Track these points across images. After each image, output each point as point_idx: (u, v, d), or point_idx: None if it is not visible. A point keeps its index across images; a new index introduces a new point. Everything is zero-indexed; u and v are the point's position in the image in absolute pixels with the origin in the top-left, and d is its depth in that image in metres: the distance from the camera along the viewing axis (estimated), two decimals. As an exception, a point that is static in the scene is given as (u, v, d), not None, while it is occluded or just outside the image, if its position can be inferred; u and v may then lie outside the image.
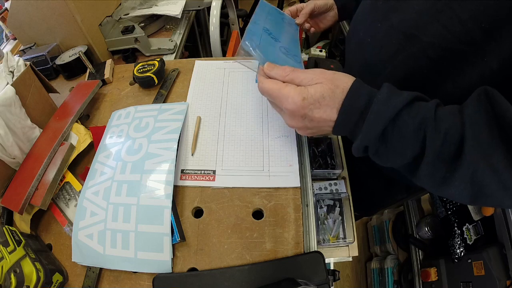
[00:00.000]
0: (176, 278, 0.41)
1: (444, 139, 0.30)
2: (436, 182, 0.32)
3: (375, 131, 0.33)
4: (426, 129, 0.31)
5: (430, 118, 0.31)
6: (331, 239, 0.57)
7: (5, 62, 0.57)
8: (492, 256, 0.74)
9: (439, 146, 0.30)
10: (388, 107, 0.32)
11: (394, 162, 0.35)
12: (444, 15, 0.35)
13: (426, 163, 0.31)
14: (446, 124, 0.30)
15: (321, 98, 0.35)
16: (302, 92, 0.35)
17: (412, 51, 0.40)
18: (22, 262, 0.40)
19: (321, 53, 1.75)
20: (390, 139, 0.33)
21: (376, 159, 0.36)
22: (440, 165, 0.31)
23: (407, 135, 0.32)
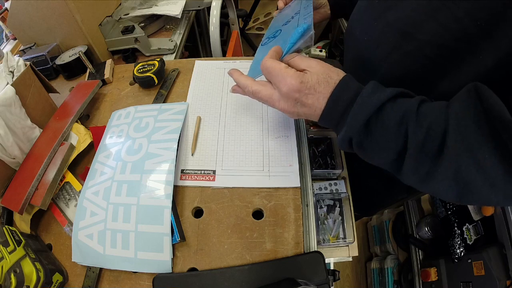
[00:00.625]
0: (176, 278, 0.41)
1: (427, 134, 0.30)
2: (420, 177, 0.32)
3: (359, 122, 0.34)
4: (408, 123, 0.32)
5: (412, 112, 0.32)
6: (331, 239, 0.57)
7: (5, 62, 0.57)
8: (492, 256, 0.74)
9: (421, 140, 0.31)
10: (372, 100, 0.33)
11: (379, 157, 0.35)
12: (440, 13, 0.35)
13: (409, 157, 0.32)
14: (429, 119, 0.31)
15: (316, 84, 0.36)
16: (301, 76, 0.37)
17: (408, 49, 0.40)
18: (22, 262, 0.40)
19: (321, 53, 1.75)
20: (374, 132, 0.33)
21: (361, 154, 0.37)
22: (424, 160, 0.31)
23: (390, 128, 0.32)
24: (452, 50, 0.35)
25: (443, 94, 0.38)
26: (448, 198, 0.32)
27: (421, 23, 0.38)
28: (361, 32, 0.50)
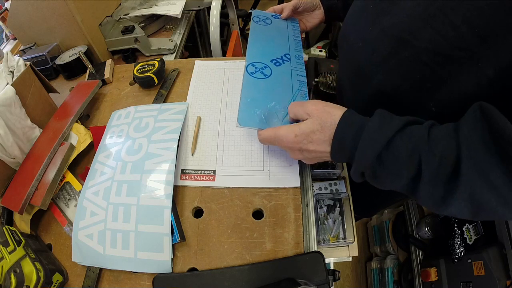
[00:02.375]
0: (176, 278, 0.41)
1: (440, 162, 0.30)
2: (436, 202, 0.32)
3: (369, 158, 0.34)
4: (421, 152, 0.31)
5: (424, 141, 0.32)
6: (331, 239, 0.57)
7: (5, 62, 0.57)
8: (492, 256, 0.74)
9: (435, 169, 0.31)
10: (380, 135, 0.33)
11: (392, 184, 0.35)
12: (436, 20, 0.35)
13: (423, 184, 0.32)
14: (440, 146, 0.31)
15: (311, 133, 0.38)
16: (294, 129, 0.39)
17: (404, 56, 0.39)
18: (22, 262, 0.41)
19: (321, 53, 1.75)
20: (386, 163, 0.33)
21: (374, 183, 0.37)
22: (438, 186, 0.31)
23: (401, 159, 0.32)
24: (450, 58, 0.35)
25: (442, 104, 0.38)
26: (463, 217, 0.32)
27: (417, 29, 0.37)
28: (355, 37, 0.49)
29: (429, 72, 0.37)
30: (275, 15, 0.68)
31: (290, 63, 0.56)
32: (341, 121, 0.36)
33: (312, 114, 0.39)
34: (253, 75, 0.52)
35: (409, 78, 0.40)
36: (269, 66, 0.54)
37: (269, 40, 0.61)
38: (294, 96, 0.50)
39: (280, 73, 0.53)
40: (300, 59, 0.58)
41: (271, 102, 0.48)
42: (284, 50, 0.59)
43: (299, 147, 0.39)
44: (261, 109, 0.47)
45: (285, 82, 0.52)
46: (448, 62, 0.35)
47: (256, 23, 0.65)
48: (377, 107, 0.48)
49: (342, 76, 0.60)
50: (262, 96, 0.49)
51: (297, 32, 0.65)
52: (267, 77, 0.52)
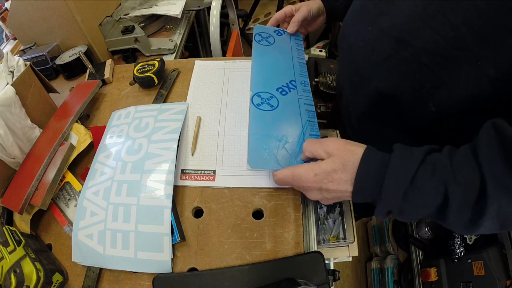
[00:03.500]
0: (176, 278, 0.41)
1: (466, 188, 0.30)
2: (465, 225, 0.32)
3: (394, 198, 0.33)
4: (446, 182, 0.31)
5: (447, 170, 0.31)
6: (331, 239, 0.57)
7: (5, 62, 0.57)
8: (492, 256, 0.74)
9: (462, 195, 0.31)
10: (404, 172, 0.33)
11: (418, 216, 0.35)
12: (435, 20, 0.35)
13: (451, 212, 0.32)
14: (464, 173, 0.31)
15: (332, 172, 0.36)
16: (313, 168, 0.38)
17: (404, 56, 0.39)
18: (22, 262, 0.40)
19: (321, 53, 1.75)
20: (412, 198, 0.33)
21: (400, 218, 0.36)
22: (466, 210, 0.31)
23: (427, 192, 0.32)
24: (449, 58, 0.35)
25: (443, 102, 0.38)
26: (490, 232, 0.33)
27: (416, 30, 0.37)
28: (355, 37, 0.49)
29: (429, 72, 0.37)
30: (278, 31, 0.66)
31: (296, 91, 0.54)
32: (363, 160, 0.35)
33: (333, 153, 0.37)
34: (259, 107, 0.50)
35: (409, 78, 0.40)
36: (275, 96, 0.52)
37: (273, 65, 0.58)
38: (303, 129, 0.48)
39: (287, 104, 0.51)
40: (306, 86, 0.56)
41: (280, 138, 0.46)
42: (289, 76, 0.56)
43: (319, 186, 0.38)
44: (271, 146, 0.45)
45: (293, 114, 0.50)
46: (448, 62, 0.35)
47: (258, 42, 0.62)
48: (377, 107, 0.48)
49: (342, 76, 0.60)
50: (271, 130, 0.47)
51: (301, 53, 0.63)
52: (274, 108, 0.50)
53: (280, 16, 0.65)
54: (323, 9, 0.64)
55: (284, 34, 0.65)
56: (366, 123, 0.54)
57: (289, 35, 0.65)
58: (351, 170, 0.35)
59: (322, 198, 0.39)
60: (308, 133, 0.48)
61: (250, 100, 0.51)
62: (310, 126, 0.49)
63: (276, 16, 0.65)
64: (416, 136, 0.47)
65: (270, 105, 0.50)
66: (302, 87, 0.55)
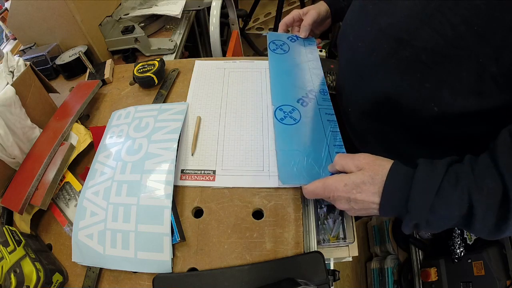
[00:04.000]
0: (176, 278, 0.41)
1: (489, 194, 0.31)
2: (491, 231, 0.33)
3: (423, 210, 0.34)
4: (470, 191, 0.32)
5: (471, 180, 0.32)
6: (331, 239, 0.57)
7: (5, 62, 0.57)
8: (492, 256, 0.74)
9: (485, 202, 0.31)
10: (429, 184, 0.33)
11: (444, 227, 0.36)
12: (434, 20, 0.35)
13: (477, 220, 0.32)
14: (486, 181, 0.31)
15: (361, 183, 0.37)
16: (343, 179, 0.39)
17: (404, 55, 0.39)
18: (22, 262, 0.40)
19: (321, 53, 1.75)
20: (438, 210, 0.33)
21: (427, 230, 0.37)
22: (491, 217, 0.32)
23: (452, 203, 0.33)
24: (449, 57, 0.35)
25: (444, 102, 0.38)
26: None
27: (415, 29, 0.37)
28: (355, 37, 0.49)
29: (429, 71, 0.37)
30: (291, 38, 0.65)
31: (316, 100, 0.54)
32: (390, 174, 0.36)
33: (363, 166, 0.38)
34: (282, 121, 0.51)
35: (409, 78, 0.40)
36: (297, 109, 0.52)
37: (290, 74, 0.58)
38: (327, 140, 0.49)
39: (309, 115, 0.52)
40: (325, 94, 0.56)
41: (307, 151, 0.47)
42: (308, 85, 0.57)
43: (348, 196, 0.39)
44: (298, 160, 0.46)
45: (316, 125, 0.51)
46: (448, 61, 0.35)
47: (273, 51, 0.62)
48: (377, 107, 0.48)
49: (342, 76, 0.60)
50: (296, 144, 0.48)
51: (316, 58, 0.62)
52: (297, 122, 0.51)
53: (288, 20, 0.65)
54: (329, 11, 0.65)
55: (297, 40, 0.66)
56: (366, 123, 0.54)
57: (302, 40, 0.65)
58: (379, 183, 0.36)
59: (350, 209, 0.40)
60: (332, 144, 0.49)
61: (273, 115, 0.51)
62: (333, 137, 0.50)
63: (284, 21, 0.65)
64: (418, 137, 0.47)
65: (293, 119, 0.51)
66: (322, 96, 0.56)
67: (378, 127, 0.52)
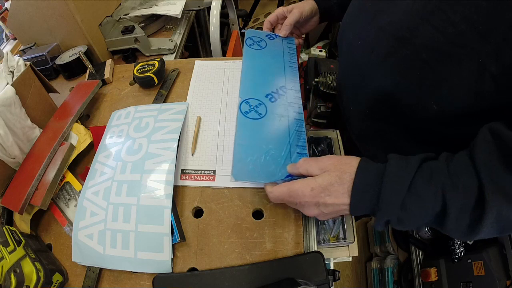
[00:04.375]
0: (176, 278, 0.41)
1: (464, 194, 0.30)
2: (464, 232, 0.32)
3: (393, 206, 0.33)
4: (445, 189, 0.31)
5: (445, 177, 0.31)
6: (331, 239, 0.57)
7: (5, 62, 0.57)
8: (492, 256, 0.74)
9: (460, 201, 0.31)
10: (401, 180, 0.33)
11: (417, 225, 0.35)
12: (435, 17, 0.35)
13: (450, 219, 0.31)
14: (462, 179, 0.31)
15: (329, 185, 0.36)
16: (309, 183, 0.37)
17: (404, 53, 0.39)
18: (22, 262, 0.41)
19: (321, 53, 1.75)
20: (410, 207, 0.33)
21: (399, 227, 0.36)
22: (465, 216, 0.31)
23: (425, 199, 0.32)
24: (449, 55, 0.35)
25: (444, 100, 0.38)
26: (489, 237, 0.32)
27: (416, 27, 0.37)
28: (354, 36, 0.49)
29: (429, 69, 0.37)
30: (270, 35, 0.64)
31: (286, 97, 0.53)
32: (358, 171, 0.35)
33: (328, 168, 0.37)
34: (247, 115, 0.49)
35: (409, 76, 0.40)
36: (264, 103, 0.51)
37: (263, 70, 0.56)
38: (290, 139, 0.47)
39: (276, 111, 0.50)
40: (297, 92, 0.54)
41: (266, 148, 0.45)
42: (280, 81, 0.55)
43: (316, 201, 0.37)
44: (256, 157, 0.44)
45: (281, 123, 0.49)
46: (448, 59, 0.35)
47: (249, 46, 0.61)
48: (378, 106, 0.48)
49: (342, 75, 0.60)
50: (257, 140, 0.46)
51: (293, 57, 0.61)
52: (262, 117, 0.49)
53: (273, 19, 0.63)
54: (317, 10, 0.63)
55: (276, 38, 0.64)
56: (367, 122, 0.54)
57: (282, 39, 0.64)
58: (348, 183, 0.35)
59: (320, 214, 0.39)
60: (295, 144, 0.47)
61: (238, 107, 0.49)
62: (297, 136, 0.48)
63: (269, 19, 0.64)
64: (418, 136, 0.47)
65: (258, 113, 0.49)
66: (293, 93, 0.54)
67: (378, 126, 0.52)
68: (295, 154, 0.45)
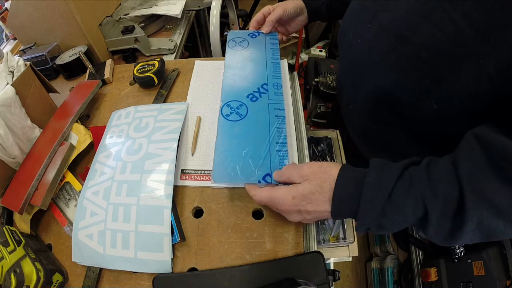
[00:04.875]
0: (176, 278, 0.41)
1: (444, 201, 0.30)
2: (445, 237, 0.32)
3: (372, 214, 0.33)
4: (424, 197, 0.31)
5: (425, 185, 0.32)
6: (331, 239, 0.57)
7: (5, 62, 0.57)
8: (492, 256, 0.74)
9: (440, 208, 0.31)
10: (380, 190, 0.33)
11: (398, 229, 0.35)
12: (435, 15, 0.35)
13: (431, 225, 0.32)
14: (442, 186, 0.31)
15: (310, 194, 0.36)
16: (291, 191, 0.38)
17: (404, 52, 0.39)
18: (22, 262, 0.41)
19: (321, 53, 1.75)
20: (390, 214, 0.33)
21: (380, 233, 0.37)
22: (446, 223, 0.31)
23: (405, 208, 0.32)
24: (449, 54, 0.35)
25: (443, 99, 0.38)
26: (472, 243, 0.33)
27: (416, 25, 0.37)
28: (354, 34, 0.49)
29: (429, 68, 0.37)
30: (252, 33, 0.64)
31: (267, 95, 0.52)
32: (338, 180, 0.36)
33: (309, 176, 0.37)
34: (228, 117, 0.49)
35: (409, 75, 0.40)
36: (245, 104, 0.51)
37: (245, 70, 0.57)
38: (270, 137, 0.47)
39: (257, 111, 0.50)
40: (278, 88, 0.54)
41: (246, 149, 0.45)
42: (261, 79, 0.55)
43: (298, 209, 0.38)
44: (236, 159, 0.44)
45: (261, 122, 0.49)
46: (447, 58, 0.35)
47: (231, 48, 0.61)
48: (378, 104, 0.48)
49: (342, 74, 0.60)
50: (237, 142, 0.46)
51: (276, 52, 0.61)
52: (243, 118, 0.49)
53: (259, 17, 0.63)
54: (303, 9, 0.63)
55: (259, 35, 0.64)
56: (367, 121, 0.54)
57: (264, 35, 0.64)
58: (328, 191, 0.36)
59: (303, 219, 0.39)
60: (275, 141, 0.47)
61: (220, 111, 0.50)
62: (277, 133, 0.47)
63: (255, 18, 0.64)
64: (417, 136, 0.47)
65: (239, 115, 0.49)
66: (274, 90, 0.53)
67: (378, 125, 0.52)
68: (275, 152, 0.45)
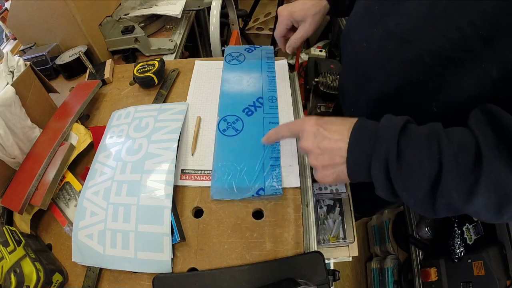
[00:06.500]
0: (176, 278, 0.41)
1: (460, 149, 0.30)
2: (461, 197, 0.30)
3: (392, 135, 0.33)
4: (439, 138, 0.31)
5: (440, 129, 0.32)
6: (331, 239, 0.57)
7: (5, 62, 0.57)
8: (492, 256, 0.74)
9: (456, 156, 0.30)
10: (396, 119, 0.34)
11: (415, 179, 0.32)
12: (441, 21, 0.35)
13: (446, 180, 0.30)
14: (457, 134, 0.30)
15: (334, 119, 0.39)
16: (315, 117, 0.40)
17: (408, 57, 0.39)
18: (22, 262, 0.41)
19: (321, 53, 1.75)
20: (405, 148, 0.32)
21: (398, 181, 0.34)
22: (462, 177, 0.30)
23: (420, 143, 0.32)
24: (452, 59, 0.35)
25: (445, 103, 0.38)
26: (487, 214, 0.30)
27: (421, 30, 0.37)
28: (359, 37, 0.49)
29: (432, 73, 0.37)
30: (249, 48, 0.66)
31: (262, 109, 0.54)
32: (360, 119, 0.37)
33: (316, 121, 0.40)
34: (224, 132, 0.51)
35: (412, 79, 0.40)
36: (241, 119, 0.52)
37: (241, 84, 0.58)
38: (264, 151, 0.49)
39: (252, 125, 0.52)
40: (273, 101, 0.55)
41: (241, 164, 0.47)
42: (257, 93, 0.57)
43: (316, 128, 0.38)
44: (232, 174, 0.47)
45: (256, 136, 0.50)
46: (451, 63, 0.35)
47: (228, 63, 0.63)
48: (380, 107, 0.48)
49: (345, 76, 0.60)
50: (234, 157, 0.48)
51: (271, 65, 0.61)
52: (239, 132, 0.51)
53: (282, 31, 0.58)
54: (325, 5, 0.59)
55: (255, 50, 0.66)
56: None
57: (260, 48, 0.66)
58: (349, 124, 0.37)
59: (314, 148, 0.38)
60: (269, 156, 0.49)
61: (217, 126, 0.51)
62: (271, 148, 0.49)
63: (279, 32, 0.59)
64: None
65: (235, 129, 0.51)
66: (269, 103, 0.55)
67: None
68: (268, 167, 0.48)
